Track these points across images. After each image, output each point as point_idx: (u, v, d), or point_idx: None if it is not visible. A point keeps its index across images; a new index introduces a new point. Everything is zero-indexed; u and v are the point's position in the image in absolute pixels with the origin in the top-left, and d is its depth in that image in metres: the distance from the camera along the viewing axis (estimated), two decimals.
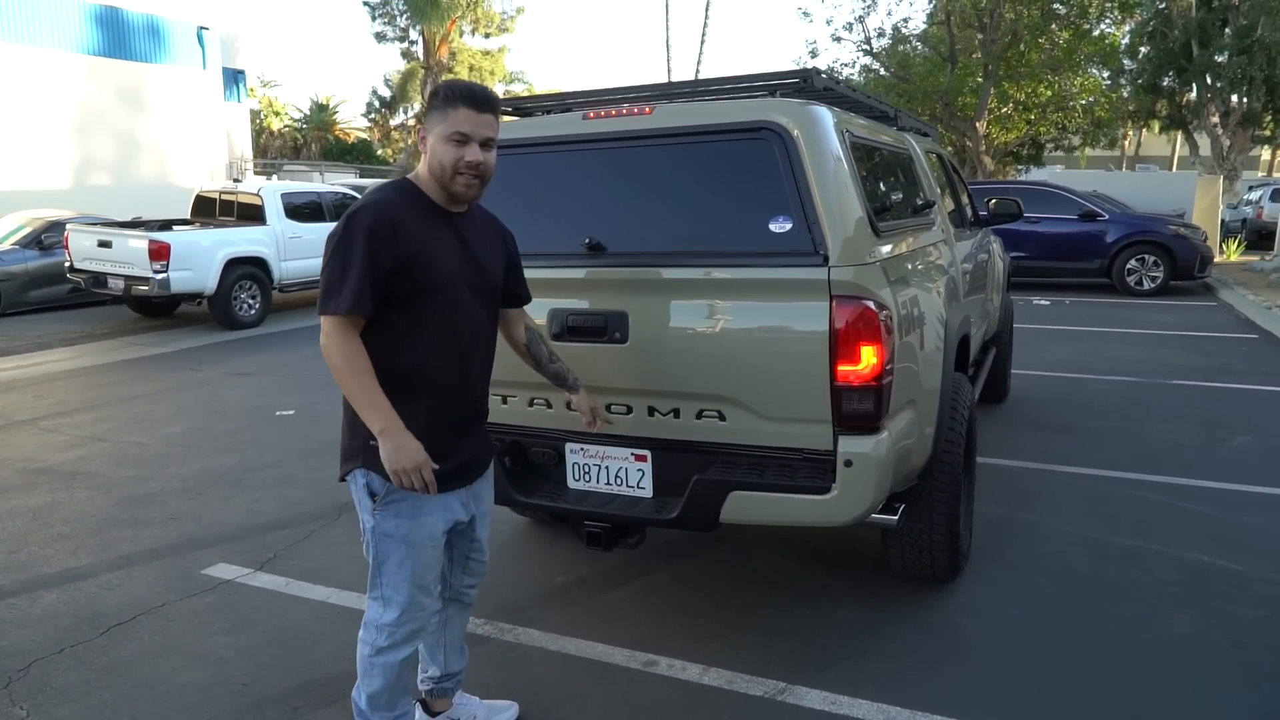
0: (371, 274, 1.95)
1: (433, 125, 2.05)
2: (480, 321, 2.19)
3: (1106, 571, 3.53)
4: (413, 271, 2.00)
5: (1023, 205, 5.69)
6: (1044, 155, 24.09)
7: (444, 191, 2.08)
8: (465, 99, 2.01)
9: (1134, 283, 12.21)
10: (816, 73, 2.84)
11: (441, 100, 2.04)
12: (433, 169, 2.05)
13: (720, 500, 2.63)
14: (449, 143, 2.01)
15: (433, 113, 2.05)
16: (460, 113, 2.01)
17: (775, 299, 2.58)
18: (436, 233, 2.07)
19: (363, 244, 1.95)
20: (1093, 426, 5.65)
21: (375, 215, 1.98)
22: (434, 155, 2.04)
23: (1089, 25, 19.23)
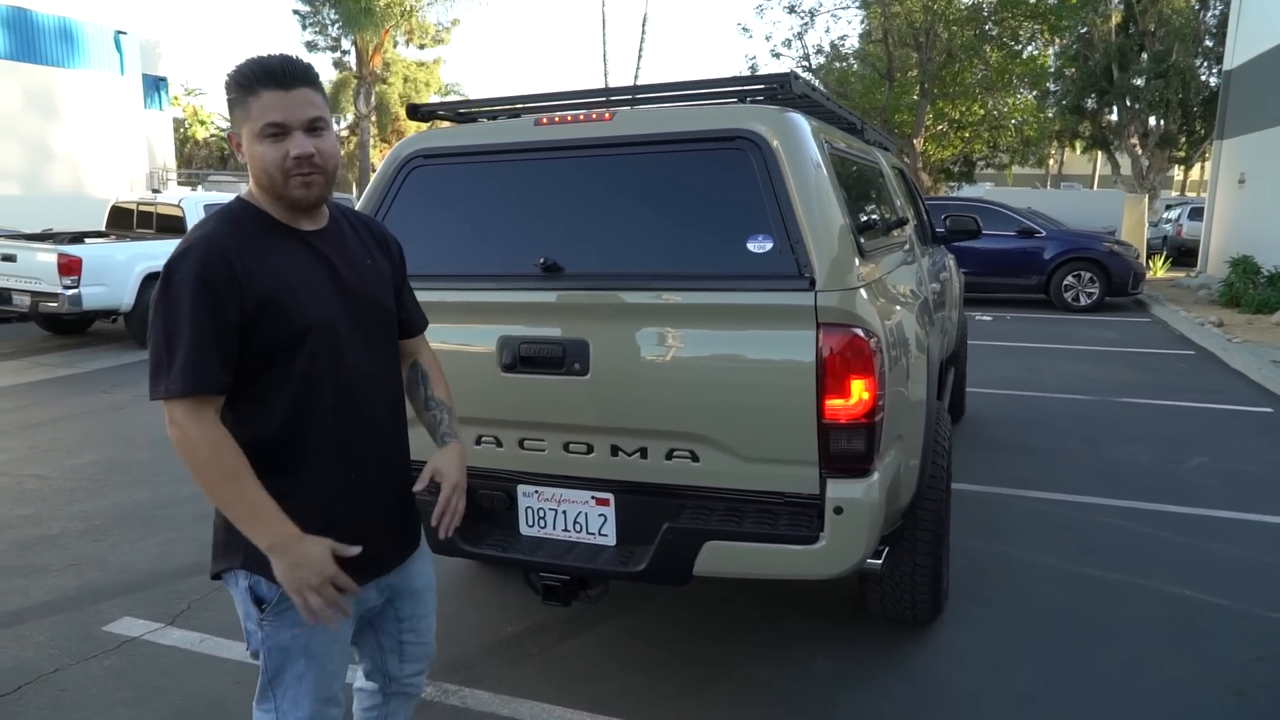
0: (215, 338, 1.48)
1: (239, 124, 1.57)
2: (374, 366, 1.70)
3: (1091, 609, 3.36)
4: (268, 321, 1.53)
5: (980, 222, 5.59)
6: (975, 172, 24.59)
7: (280, 203, 1.60)
8: (264, 79, 1.53)
9: (1071, 299, 12.38)
10: (795, 77, 2.59)
11: (237, 89, 1.55)
12: (258, 179, 1.58)
13: (694, 551, 2.36)
14: (264, 140, 1.54)
15: (233, 109, 1.57)
16: (264, 98, 1.52)
17: (755, 326, 2.32)
18: (291, 261, 1.59)
19: (191, 301, 1.47)
20: (1052, 448, 5.55)
21: (202, 258, 1.49)
22: (253, 161, 1.57)
23: (1019, 46, 19.66)
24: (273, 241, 1.59)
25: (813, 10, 20.96)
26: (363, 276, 1.70)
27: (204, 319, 1.47)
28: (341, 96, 32.65)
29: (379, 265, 1.77)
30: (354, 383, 1.65)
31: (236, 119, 1.57)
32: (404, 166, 2.80)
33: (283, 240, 1.61)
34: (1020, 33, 19.19)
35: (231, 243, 1.53)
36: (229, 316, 1.49)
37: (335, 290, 1.63)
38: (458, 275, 2.61)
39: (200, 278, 1.48)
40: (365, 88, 25.95)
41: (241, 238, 1.55)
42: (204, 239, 1.52)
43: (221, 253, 1.51)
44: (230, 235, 1.55)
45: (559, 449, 2.56)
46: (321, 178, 1.58)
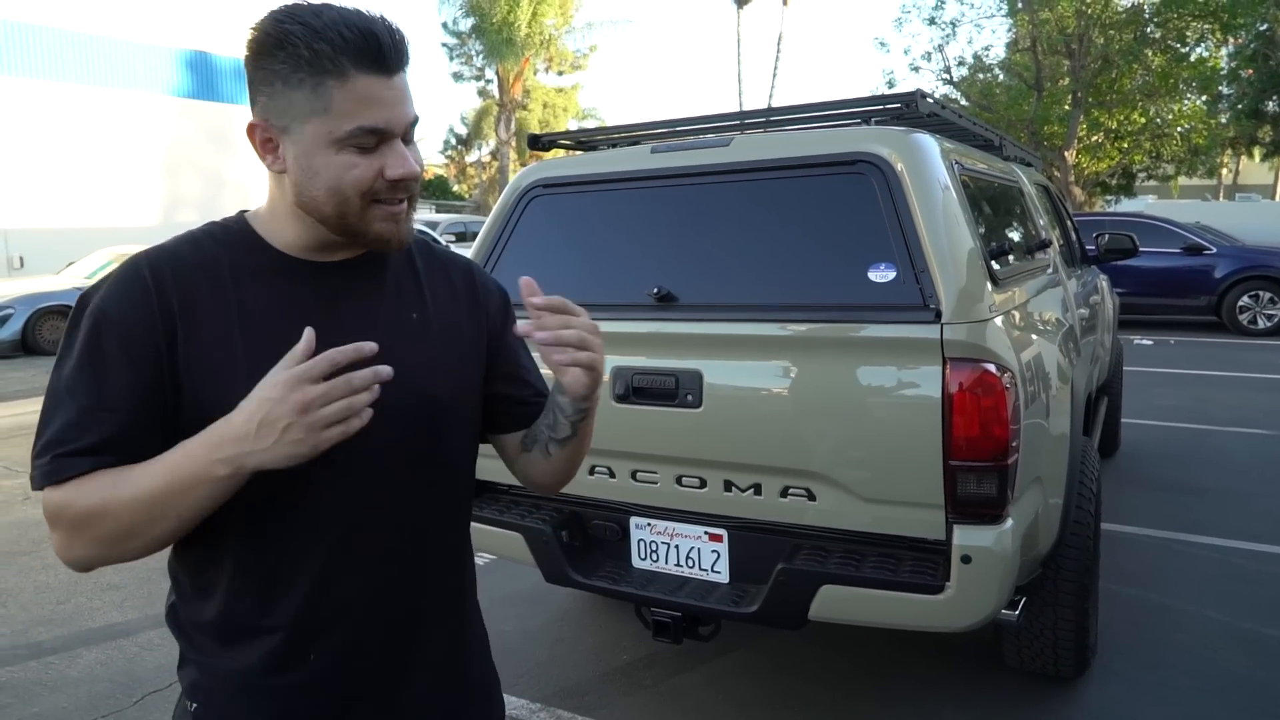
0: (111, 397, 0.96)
1: (289, 111, 0.97)
2: (414, 505, 1.09)
3: (1268, 674, 3.00)
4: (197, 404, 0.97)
5: (1137, 240, 5.17)
6: (1135, 185, 23.00)
7: (318, 230, 1.04)
8: (359, 55, 0.95)
9: (1247, 321, 11.32)
10: (921, 95, 2.46)
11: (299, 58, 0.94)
12: (316, 202, 1.00)
13: (809, 594, 2.25)
14: (346, 149, 0.97)
15: (278, 84, 0.96)
16: (358, 85, 0.95)
17: (876, 361, 2.20)
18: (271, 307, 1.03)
19: (84, 342, 0.97)
20: (1223, 488, 5.04)
21: (120, 285, 0.99)
22: (315, 176, 0.99)
23: (1186, 49, 18.28)
24: (253, 281, 1.04)
25: (954, 21, 20.24)
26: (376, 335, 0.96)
27: (89, 375, 0.96)
28: (484, 123, 34.10)
29: (434, 324, 1.12)
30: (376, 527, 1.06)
31: (285, 102, 0.97)
32: (524, 196, 2.84)
33: (270, 281, 1.04)
34: (1187, 34, 17.84)
35: (179, 269, 1.01)
36: (135, 376, 0.97)
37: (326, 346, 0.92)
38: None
39: (101, 315, 0.97)
40: (506, 114, 26.98)
41: (205, 265, 1.02)
42: (139, 259, 1.02)
43: (148, 280, 0.99)
44: (187, 259, 1.02)
45: (671, 482, 2.51)
46: (408, 206, 1.04)
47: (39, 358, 10.79)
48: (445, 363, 1.12)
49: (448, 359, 1.13)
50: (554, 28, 26.84)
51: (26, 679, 3.19)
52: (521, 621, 3.57)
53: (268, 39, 0.96)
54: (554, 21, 26.54)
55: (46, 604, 3.82)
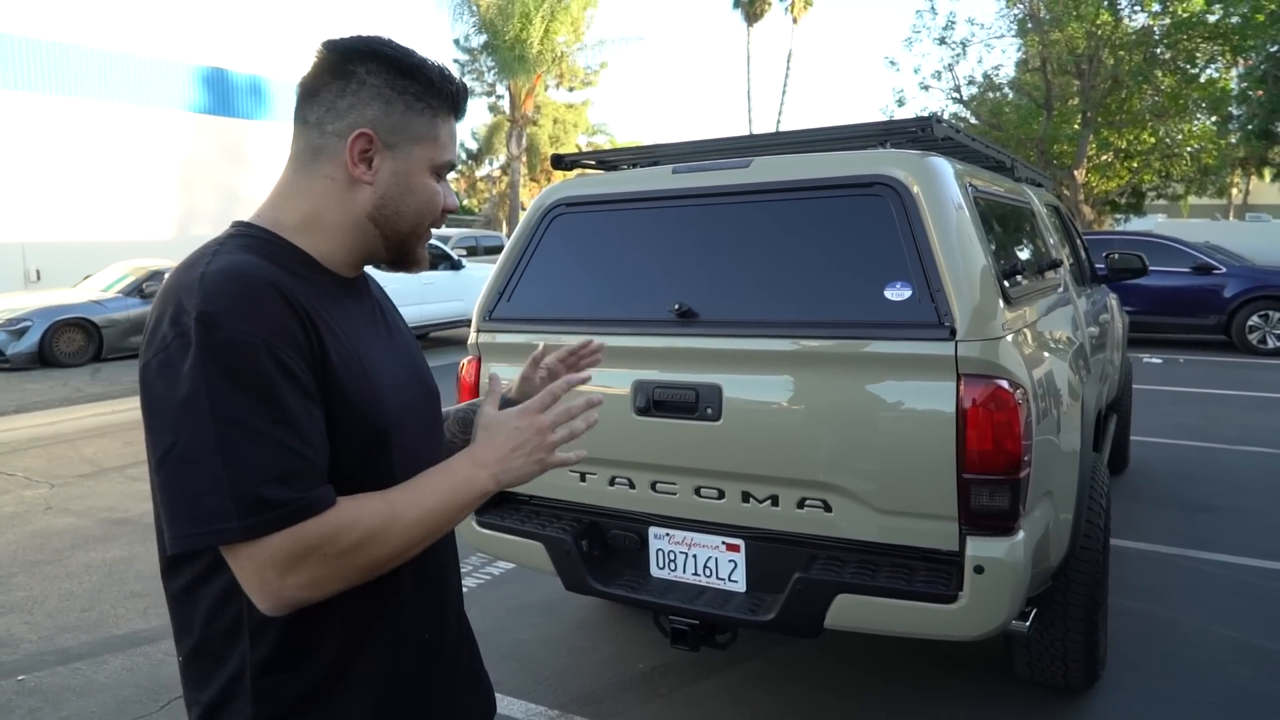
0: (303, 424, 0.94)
1: (404, 134, 1.07)
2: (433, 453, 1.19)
3: (1276, 690, 3.03)
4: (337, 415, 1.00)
5: (1146, 260, 5.23)
6: (1145, 204, 23.02)
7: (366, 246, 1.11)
8: (455, 104, 1.12)
9: (1257, 341, 11.33)
10: (936, 120, 2.54)
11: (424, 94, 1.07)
12: (396, 217, 1.09)
13: (825, 603, 2.31)
14: (431, 177, 1.10)
15: (405, 110, 1.06)
16: (450, 126, 1.12)
17: (892, 376, 2.27)
18: (350, 319, 1.08)
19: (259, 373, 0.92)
20: (1232, 505, 5.07)
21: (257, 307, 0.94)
22: (404, 195, 1.08)
23: (1196, 70, 18.34)
24: (334, 297, 1.07)
25: (965, 41, 20.36)
26: (412, 343, 1.23)
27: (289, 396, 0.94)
28: (495, 138, 34.35)
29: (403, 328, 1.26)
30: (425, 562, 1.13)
31: (403, 122, 1.06)
32: (547, 214, 2.93)
33: (341, 298, 1.09)
34: (1197, 55, 17.92)
35: (290, 286, 0.99)
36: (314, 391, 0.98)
37: (403, 365, 1.15)
38: (595, 320, 2.69)
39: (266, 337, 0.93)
40: (517, 130, 27.18)
41: (290, 279, 1.01)
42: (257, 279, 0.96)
43: (286, 298, 0.97)
44: (280, 274, 1.00)
45: (690, 493, 2.57)
46: None
47: (56, 370, 10.92)
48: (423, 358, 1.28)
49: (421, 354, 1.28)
50: (566, 45, 27.07)
51: (55, 684, 3.26)
52: (539, 630, 3.63)
53: (393, 63, 1.06)
54: (566, 39, 26.77)
55: (72, 611, 3.90)
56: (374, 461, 1.04)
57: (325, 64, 1.05)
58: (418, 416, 1.15)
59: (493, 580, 4.15)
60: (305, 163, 1.08)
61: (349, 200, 1.07)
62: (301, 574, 0.92)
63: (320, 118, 1.06)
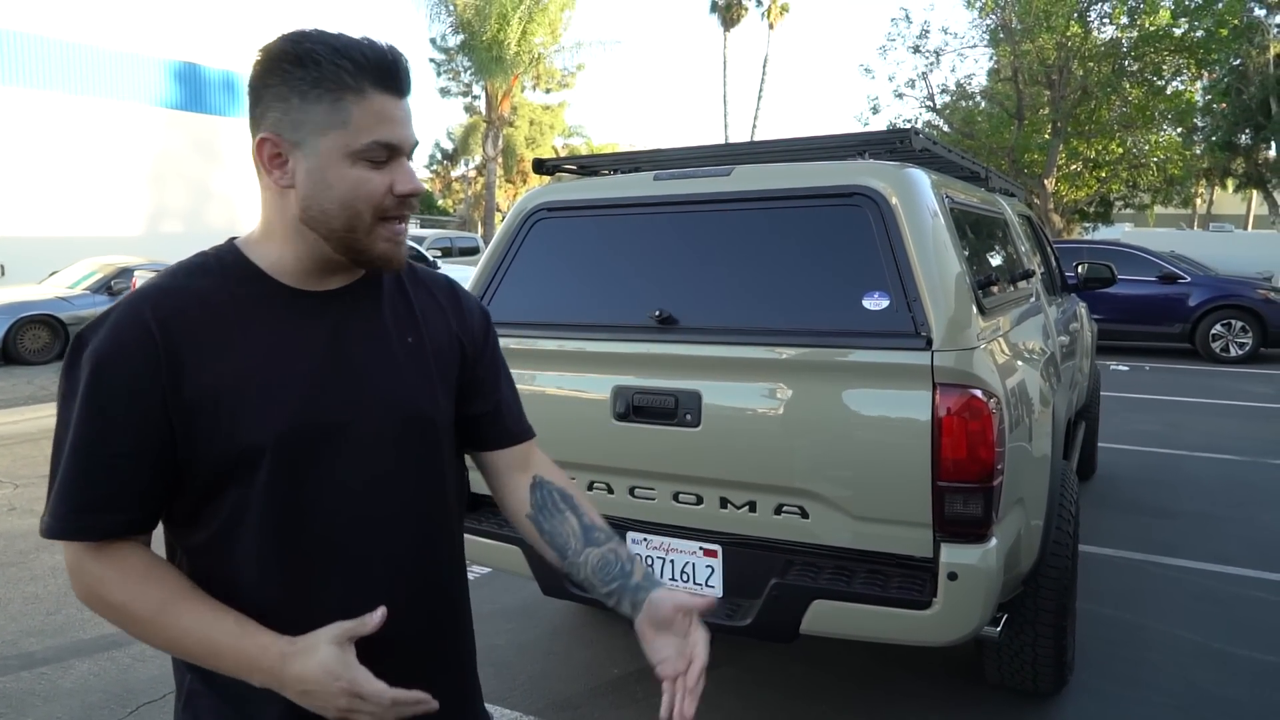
0: (110, 457, 0.98)
1: (307, 126, 1.01)
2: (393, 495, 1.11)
3: (1237, 693, 3.11)
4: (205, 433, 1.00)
5: (1115, 270, 5.33)
6: (1113, 213, 23.43)
7: (317, 253, 1.06)
8: (376, 75, 1.01)
9: (1219, 349, 11.57)
10: (915, 132, 2.58)
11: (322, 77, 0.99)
12: (323, 218, 1.03)
13: (801, 609, 2.33)
14: (360, 163, 1.02)
15: (295, 99, 1.00)
16: (374, 103, 1.01)
17: (869, 385, 2.30)
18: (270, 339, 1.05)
19: (84, 395, 0.99)
20: (1196, 511, 5.18)
21: (117, 329, 0.99)
22: (328, 191, 1.02)
23: (1162, 82, 18.73)
24: (256, 312, 1.05)
25: (938, 50, 20.62)
26: (389, 362, 1.11)
27: (95, 426, 0.98)
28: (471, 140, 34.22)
29: (428, 346, 1.16)
30: (358, 526, 1.08)
31: (300, 116, 1.00)
32: (529, 219, 2.93)
33: (274, 311, 1.06)
34: (1163, 68, 18.29)
35: (180, 306, 1.01)
36: (141, 424, 0.98)
37: (335, 379, 1.07)
38: (576, 325, 2.70)
39: (102, 362, 0.98)
40: (494, 131, 27.10)
41: (197, 298, 1.03)
42: (137, 298, 1.02)
43: (150, 322, 0.99)
44: (187, 294, 1.03)
45: (669, 499, 2.59)
46: (406, 228, 1.09)
47: (20, 367, 10.72)
48: (443, 385, 1.18)
49: (444, 381, 1.18)
50: (543, 46, 27.05)
51: (20, 689, 3.20)
52: (514, 635, 3.63)
53: (285, 56, 1.00)
54: (543, 40, 26.75)
55: (37, 615, 3.83)
56: (248, 480, 1.02)
57: (249, 85, 1.06)
58: (338, 430, 1.06)
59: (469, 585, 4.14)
60: (259, 180, 1.09)
61: (284, 207, 1.05)
62: (76, 586, 1.03)
63: (251, 133, 1.06)
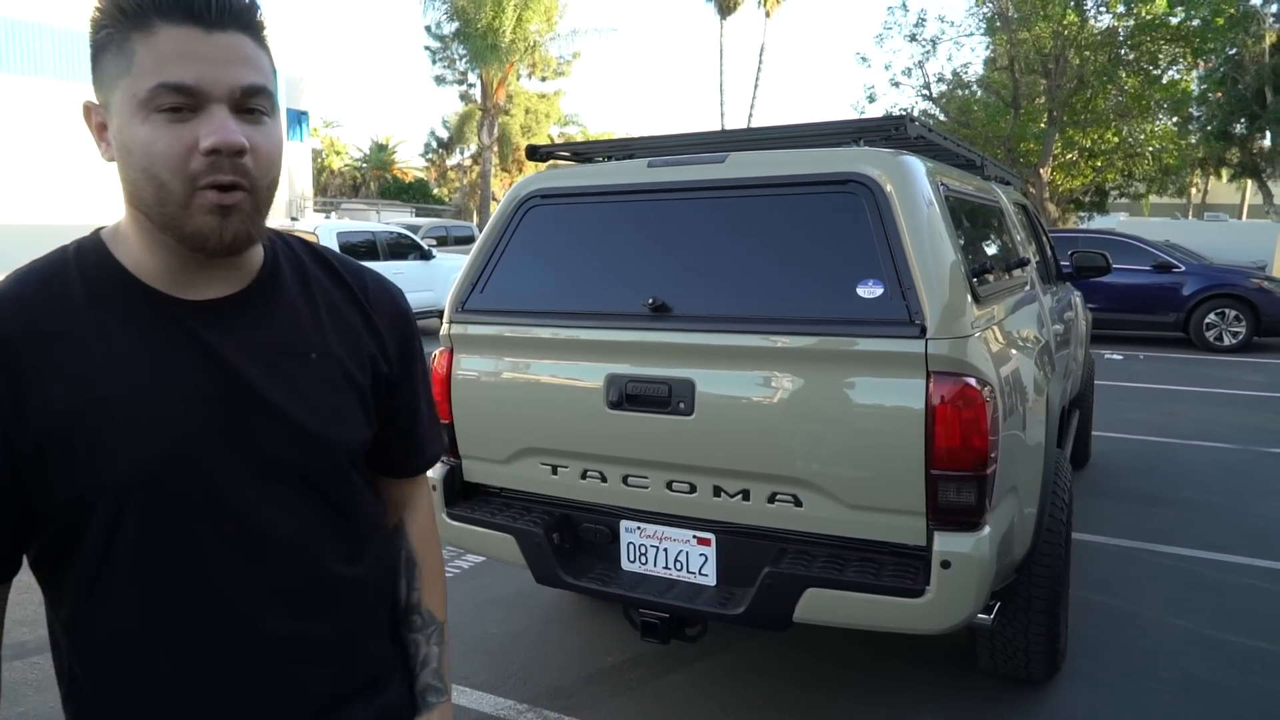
0: None
1: (108, 86, 0.85)
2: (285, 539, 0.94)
3: (1228, 678, 3.12)
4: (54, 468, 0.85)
5: (1110, 258, 5.33)
6: (1108, 202, 23.44)
7: (169, 242, 0.88)
8: (165, 4, 0.82)
9: (1213, 338, 11.60)
10: (910, 119, 2.57)
11: (109, 21, 0.83)
12: (134, 193, 0.87)
13: (794, 597, 2.33)
14: (152, 117, 0.82)
15: (101, 58, 0.85)
16: (162, 38, 0.82)
17: (863, 373, 2.29)
18: (131, 355, 0.87)
19: None
20: (1189, 499, 5.20)
21: None
22: (127, 157, 0.85)
23: (1158, 71, 18.70)
24: (109, 319, 0.88)
25: (935, 38, 20.54)
26: (284, 384, 0.93)
27: None
28: (466, 128, 34.08)
29: (334, 363, 0.97)
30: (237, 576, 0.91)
31: (100, 72, 0.85)
32: (522, 205, 2.91)
33: (139, 322, 0.89)
34: (1159, 57, 18.26)
35: (24, 317, 0.86)
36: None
37: (218, 404, 0.89)
38: (569, 313, 2.69)
39: None
40: (489, 119, 26.99)
41: (47, 308, 0.87)
42: None
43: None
44: (32, 302, 0.87)
45: (662, 487, 2.58)
46: (249, 198, 0.86)
47: None
48: (352, 409, 0.99)
49: (350, 405, 0.98)
50: (538, 34, 26.90)
51: (12, 679, 3.19)
52: (508, 623, 3.63)
53: (94, 9, 0.85)
54: (538, 28, 26.60)
55: (29, 605, 3.81)
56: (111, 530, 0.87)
57: None
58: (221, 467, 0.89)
59: (462, 574, 4.14)
60: None
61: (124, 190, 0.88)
62: None
63: None
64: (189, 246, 0.87)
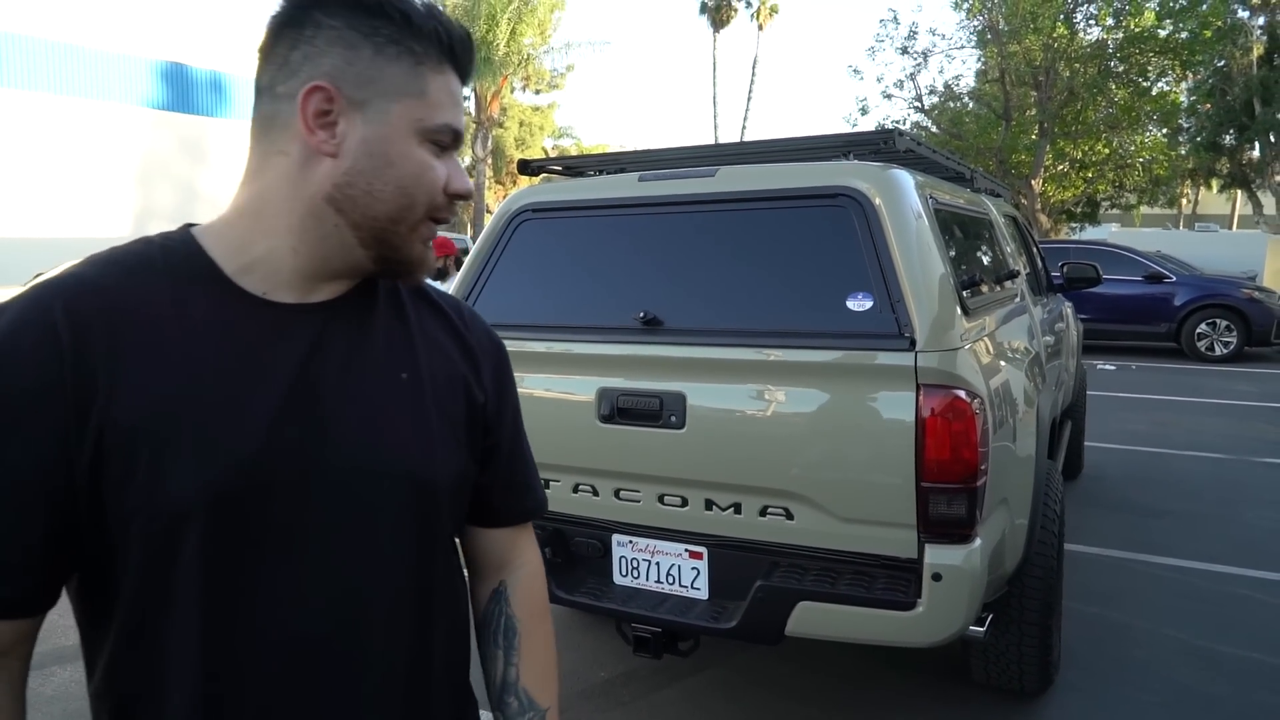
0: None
1: (376, 88, 0.81)
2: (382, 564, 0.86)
3: (1221, 690, 3.12)
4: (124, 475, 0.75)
5: (1100, 270, 5.36)
6: (1099, 213, 23.56)
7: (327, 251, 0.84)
8: (455, 51, 0.86)
9: (1205, 348, 11.65)
10: (899, 133, 2.58)
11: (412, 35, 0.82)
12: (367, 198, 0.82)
13: (786, 610, 2.33)
14: (426, 145, 0.84)
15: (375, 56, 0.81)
16: (445, 80, 0.85)
17: (853, 386, 2.30)
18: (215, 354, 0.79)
19: None
20: (1182, 510, 5.21)
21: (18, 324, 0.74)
22: (384, 167, 0.82)
23: (1148, 83, 18.85)
24: (193, 319, 0.79)
25: (926, 51, 20.70)
26: (371, 403, 0.86)
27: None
28: None
29: (427, 387, 0.91)
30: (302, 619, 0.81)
31: (373, 72, 0.81)
32: (514, 219, 2.92)
33: (220, 319, 0.81)
34: (1149, 69, 18.41)
35: (104, 307, 0.76)
36: (27, 461, 0.73)
37: (300, 420, 0.81)
38: (560, 326, 2.69)
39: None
40: (483, 132, 27.04)
41: (130, 302, 0.77)
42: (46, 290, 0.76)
43: (58, 324, 0.74)
44: (113, 291, 0.77)
45: (654, 501, 2.58)
46: None
47: None
48: (445, 438, 0.91)
49: (441, 431, 0.91)
50: (532, 47, 27.00)
51: None
52: None
53: (375, 2, 0.81)
54: (532, 41, 26.70)
55: None
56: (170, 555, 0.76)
57: (279, 14, 0.82)
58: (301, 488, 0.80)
59: None
60: (257, 140, 0.84)
61: (302, 181, 0.81)
62: None
63: (272, 78, 0.82)
64: (388, 266, 0.86)
